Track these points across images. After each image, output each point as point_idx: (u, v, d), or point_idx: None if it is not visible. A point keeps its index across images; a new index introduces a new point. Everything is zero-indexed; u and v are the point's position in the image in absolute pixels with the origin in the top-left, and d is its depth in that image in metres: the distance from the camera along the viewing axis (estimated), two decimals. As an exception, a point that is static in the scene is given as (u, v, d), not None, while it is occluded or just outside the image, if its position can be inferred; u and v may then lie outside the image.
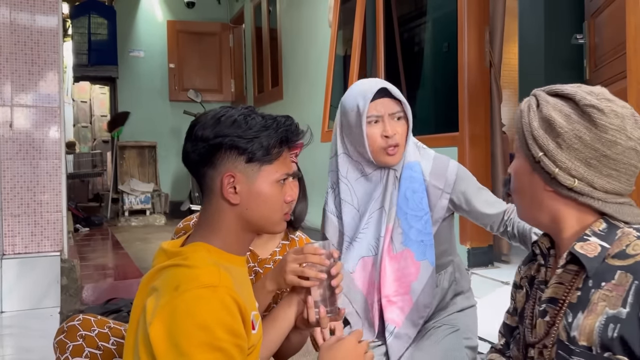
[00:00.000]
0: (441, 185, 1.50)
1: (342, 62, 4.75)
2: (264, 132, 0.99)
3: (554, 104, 0.91)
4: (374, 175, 1.52)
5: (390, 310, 1.48)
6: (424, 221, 1.48)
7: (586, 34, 2.61)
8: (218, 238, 1.01)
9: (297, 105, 5.43)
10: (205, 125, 0.99)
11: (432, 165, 1.52)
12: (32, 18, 2.93)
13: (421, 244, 1.48)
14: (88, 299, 3.24)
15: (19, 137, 2.89)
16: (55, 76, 2.98)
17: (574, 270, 0.90)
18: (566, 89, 0.92)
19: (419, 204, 1.48)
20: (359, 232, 1.53)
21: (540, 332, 0.93)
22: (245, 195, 0.99)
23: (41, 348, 2.20)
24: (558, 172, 0.89)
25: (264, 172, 1.00)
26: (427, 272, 1.48)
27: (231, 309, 0.89)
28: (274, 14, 6.08)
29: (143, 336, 0.91)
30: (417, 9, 5.51)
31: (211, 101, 7.24)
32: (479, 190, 1.54)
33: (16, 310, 2.77)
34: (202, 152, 0.99)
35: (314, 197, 1.58)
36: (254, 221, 1.02)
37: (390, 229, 1.50)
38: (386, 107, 1.45)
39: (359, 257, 1.53)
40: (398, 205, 1.49)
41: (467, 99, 3.04)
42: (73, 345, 1.23)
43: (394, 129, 1.44)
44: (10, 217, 2.86)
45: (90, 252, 4.85)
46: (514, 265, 3.06)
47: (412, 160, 1.51)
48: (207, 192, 1.02)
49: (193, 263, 0.94)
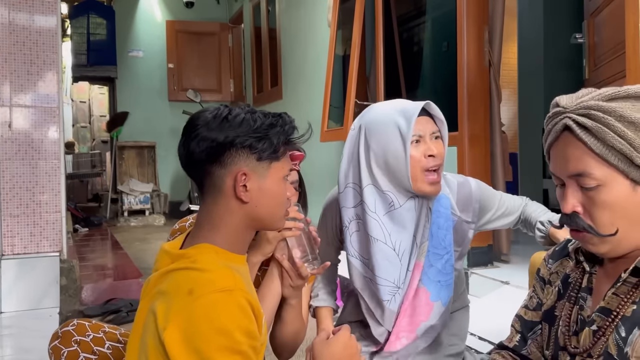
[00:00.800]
0: (469, 217, 1.43)
1: (341, 61, 4.75)
2: (273, 129, 1.00)
3: (628, 107, 0.82)
4: (405, 206, 1.34)
5: (394, 345, 1.43)
6: (445, 260, 1.40)
7: (585, 33, 2.61)
8: (221, 238, 1.00)
9: (296, 105, 5.43)
10: (211, 125, 0.98)
11: (457, 195, 1.43)
12: (31, 18, 2.93)
13: (438, 284, 1.40)
14: (87, 299, 3.24)
15: (18, 137, 2.89)
16: (54, 76, 2.98)
17: (633, 282, 0.85)
18: (630, 89, 0.84)
19: (442, 242, 1.39)
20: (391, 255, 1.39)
21: (587, 342, 0.89)
22: (256, 192, 1.00)
23: (40, 348, 2.19)
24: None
25: (273, 169, 1.02)
26: (438, 313, 1.41)
27: (247, 312, 0.90)
28: (273, 13, 6.08)
29: (154, 341, 0.90)
30: (416, 8, 5.51)
31: (210, 101, 7.24)
32: (499, 206, 1.48)
33: (15, 310, 2.77)
34: (211, 152, 0.98)
35: (313, 197, 1.56)
36: (260, 218, 1.02)
37: (420, 266, 1.38)
38: (427, 125, 1.32)
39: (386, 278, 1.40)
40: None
41: (466, 98, 3.04)
42: (68, 351, 1.23)
43: (438, 149, 1.31)
44: (9, 217, 2.86)
45: (89, 253, 4.85)
46: (514, 265, 3.06)
47: (442, 193, 1.39)
48: (211, 192, 1.01)
49: (204, 266, 0.93)
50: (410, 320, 1.41)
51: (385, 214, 1.35)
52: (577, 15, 4.37)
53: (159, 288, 0.96)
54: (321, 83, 4.59)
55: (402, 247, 1.37)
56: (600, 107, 0.83)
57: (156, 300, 0.93)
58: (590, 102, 0.84)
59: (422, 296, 1.40)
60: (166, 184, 7.35)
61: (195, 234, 1.03)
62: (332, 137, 4.23)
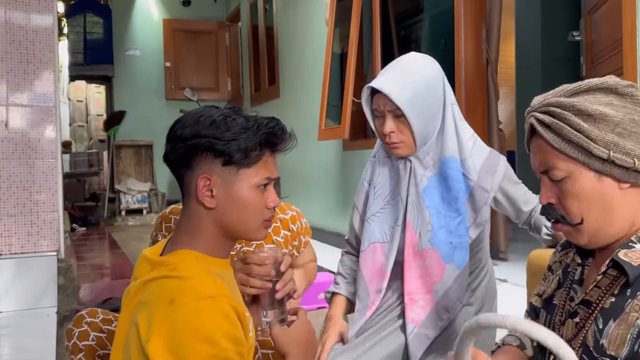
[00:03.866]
0: (488, 186, 1.44)
1: (339, 59, 4.74)
2: (243, 134, 0.95)
3: (588, 99, 0.86)
4: (395, 158, 1.49)
5: (412, 309, 1.43)
6: (457, 222, 1.41)
7: (583, 31, 2.61)
8: (200, 244, 0.98)
9: (294, 103, 5.43)
10: (184, 125, 0.97)
11: (483, 162, 1.45)
12: (27, 17, 2.92)
13: (450, 245, 1.41)
14: (85, 298, 3.23)
15: (15, 136, 2.88)
16: (51, 75, 2.96)
17: (613, 275, 0.86)
18: (592, 82, 0.87)
19: (453, 204, 1.41)
20: (376, 213, 1.50)
21: (569, 333, 0.91)
22: (222, 199, 0.96)
23: (38, 348, 2.19)
24: (638, 162, 0.83)
25: (241, 175, 0.96)
26: (453, 275, 1.41)
27: (232, 318, 0.89)
28: (270, 11, 6.07)
29: (137, 354, 0.88)
30: (413, 6, 5.51)
31: (207, 100, 7.23)
32: (517, 186, 1.50)
33: (13, 310, 2.76)
34: (180, 153, 0.97)
35: (312, 195, 1.57)
36: (231, 227, 0.98)
37: (411, 221, 1.44)
38: (379, 102, 1.42)
39: (370, 240, 1.49)
40: (429, 199, 1.44)
41: (464, 96, 3.04)
42: (79, 331, 1.33)
43: (391, 127, 1.40)
44: (6, 217, 2.85)
45: (87, 252, 4.84)
46: (512, 263, 3.06)
47: (449, 155, 1.42)
48: (186, 195, 1.00)
49: (184, 274, 0.91)
50: (423, 282, 1.43)
51: (383, 159, 1.54)
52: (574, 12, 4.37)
53: (139, 298, 0.93)
54: (319, 81, 4.58)
55: (391, 195, 1.50)
56: (560, 103, 0.87)
57: (138, 311, 0.91)
58: (552, 99, 0.88)
59: (432, 256, 1.42)
60: (164, 183, 7.34)
61: (175, 240, 1.00)
62: (329, 136, 4.23)
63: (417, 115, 1.38)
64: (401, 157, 1.46)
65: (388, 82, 1.40)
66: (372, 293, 1.48)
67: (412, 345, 1.42)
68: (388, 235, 1.48)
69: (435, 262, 1.42)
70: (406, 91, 1.38)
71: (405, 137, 1.41)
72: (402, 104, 1.36)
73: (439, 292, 1.42)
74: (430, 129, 1.42)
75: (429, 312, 1.43)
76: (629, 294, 0.82)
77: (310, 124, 4.64)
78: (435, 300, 1.43)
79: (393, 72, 1.43)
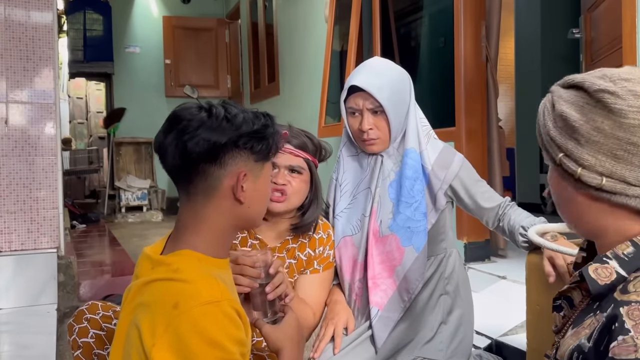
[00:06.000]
0: (442, 175, 1.53)
1: (338, 57, 4.75)
2: (268, 130, 0.99)
3: (567, 97, 0.82)
4: (363, 155, 1.59)
5: (375, 292, 1.51)
6: (414, 208, 1.51)
7: (582, 28, 2.61)
8: (204, 241, 0.97)
9: (294, 101, 5.43)
10: (210, 125, 0.94)
11: (437, 155, 1.55)
12: (27, 14, 2.92)
13: (408, 230, 1.50)
14: (85, 295, 3.23)
15: (14, 133, 2.88)
16: (51, 72, 2.97)
17: (586, 289, 0.82)
18: (577, 77, 0.83)
19: (410, 191, 1.51)
20: (344, 209, 1.59)
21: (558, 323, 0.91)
22: (250, 193, 0.99)
23: (39, 345, 2.20)
24: (581, 171, 0.78)
25: (265, 169, 1.02)
26: (412, 258, 1.50)
27: (236, 321, 0.89)
28: (270, 9, 6.06)
29: (137, 356, 0.88)
30: (413, 3, 5.51)
31: (207, 97, 7.22)
32: (478, 182, 1.58)
33: (13, 307, 2.76)
34: (212, 152, 0.94)
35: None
36: (248, 218, 1.01)
37: (375, 211, 1.53)
38: (358, 100, 1.50)
39: (341, 235, 1.57)
40: (393, 190, 1.54)
41: (463, 93, 3.04)
42: (79, 327, 1.34)
43: (369, 124, 1.49)
44: (6, 214, 2.85)
45: (87, 249, 4.84)
46: (510, 260, 3.07)
47: (409, 147, 1.53)
48: (203, 192, 0.96)
49: (187, 277, 0.91)
50: (384, 266, 1.52)
51: (349, 156, 1.62)
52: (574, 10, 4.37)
53: (140, 300, 0.93)
54: (318, 79, 4.59)
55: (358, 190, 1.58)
56: (555, 92, 0.86)
57: (138, 312, 0.91)
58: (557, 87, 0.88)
59: (392, 242, 1.51)
60: (164, 180, 7.33)
61: (177, 238, 0.99)
62: (329, 133, 4.23)
63: (395, 112, 1.50)
64: (373, 154, 1.56)
65: (369, 80, 1.49)
66: (353, 284, 1.56)
67: (377, 327, 1.50)
68: (357, 227, 1.57)
69: (395, 247, 1.51)
70: (385, 89, 1.48)
71: (382, 133, 1.52)
72: (383, 100, 1.47)
73: (400, 275, 1.51)
74: (403, 124, 1.53)
75: (392, 295, 1.51)
76: (595, 307, 0.79)
77: (310, 121, 4.64)
78: (397, 284, 1.51)
79: (370, 72, 1.52)
